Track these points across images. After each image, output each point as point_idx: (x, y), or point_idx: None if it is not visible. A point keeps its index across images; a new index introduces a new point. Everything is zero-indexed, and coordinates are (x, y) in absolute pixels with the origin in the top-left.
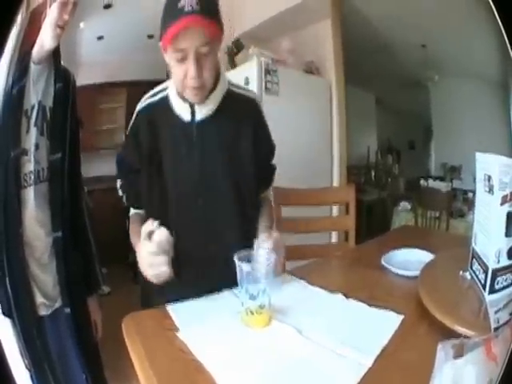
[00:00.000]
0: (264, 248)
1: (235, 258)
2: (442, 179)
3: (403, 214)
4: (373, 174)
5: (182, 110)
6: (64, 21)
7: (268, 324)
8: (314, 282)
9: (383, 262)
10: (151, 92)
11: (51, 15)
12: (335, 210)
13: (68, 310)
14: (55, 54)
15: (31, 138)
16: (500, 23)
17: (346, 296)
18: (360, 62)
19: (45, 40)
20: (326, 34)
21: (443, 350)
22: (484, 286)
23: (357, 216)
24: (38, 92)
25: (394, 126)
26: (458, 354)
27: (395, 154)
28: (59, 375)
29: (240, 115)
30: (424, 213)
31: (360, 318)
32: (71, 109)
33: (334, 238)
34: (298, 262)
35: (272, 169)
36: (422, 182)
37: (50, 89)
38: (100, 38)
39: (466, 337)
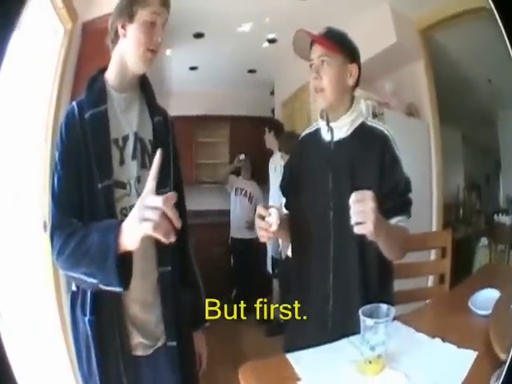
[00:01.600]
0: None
1: (360, 313)
2: (507, 212)
3: (482, 250)
4: (461, 211)
5: (324, 131)
6: (156, 44)
7: (381, 371)
8: (417, 327)
9: (469, 304)
10: (312, 125)
11: (138, 37)
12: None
13: (173, 344)
14: (144, 83)
15: (130, 170)
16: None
17: (443, 340)
18: (445, 97)
19: (131, 66)
20: (420, 74)
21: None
22: None
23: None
24: (132, 123)
25: (475, 161)
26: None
27: (477, 190)
28: None
29: (370, 145)
30: (495, 247)
31: (452, 360)
32: (173, 143)
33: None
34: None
35: (403, 201)
36: (495, 216)
37: (147, 121)
38: (193, 68)
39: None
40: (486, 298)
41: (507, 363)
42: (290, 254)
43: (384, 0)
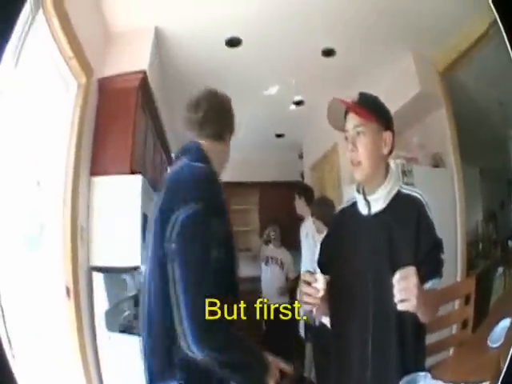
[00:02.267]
0: None
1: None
2: None
3: (498, 279)
4: (480, 246)
5: (361, 205)
6: None
7: None
8: (445, 377)
9: (488, 342)
10: (348, 199)
11: None
12: None
13: None
14: None
15: None
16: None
17: (466, 383)
18: (464, 139)
19: None
20: (442, 120)
21: None
22: None
23: None
24: None
25: (491, 190)
26: None
27: (494, 219)
28: None
29: (406, 214)
30: (509, 273)
31: None
32: None
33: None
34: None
35: (437, 263)
36: (510, 242)
37: None
38: None
39: None
40: (501, 330)
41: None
42: (324, 321)
43: (406, 46)
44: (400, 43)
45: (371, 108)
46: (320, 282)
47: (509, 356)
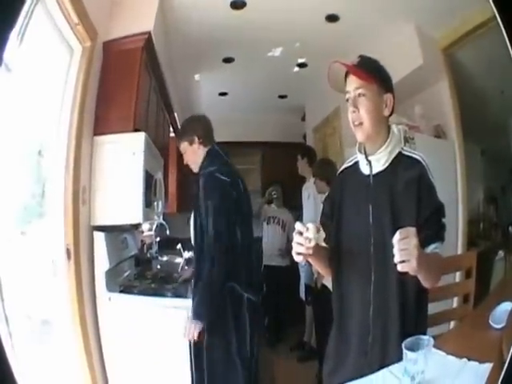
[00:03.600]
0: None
1: (403, 346)
2: None
3: (499, 263)
4: (481, 226)
5: (363, 165)
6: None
7: None
8: (447, 349)
9: (490, 321)
10: (350, 159)
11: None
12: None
13: None
14: None
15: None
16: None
17: (469, 359)
18: (466, 116)
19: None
20: (444, 94)
21: None
22: None
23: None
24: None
25: (492, 173)
26: None
27: (495, 203)
28: None
29: (407, 175)
30: (510, 258)
31: (476, 376)
32: None
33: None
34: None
35: (439, 227)
36: (511, 228)
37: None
38: (223, 94)
39: None
40: (502, 312)
41: (507, 362)
42: (327, 284)
43: (410, 19)
44: (404, 16)
45: (371, 70)
46: (311, 231)
47: None
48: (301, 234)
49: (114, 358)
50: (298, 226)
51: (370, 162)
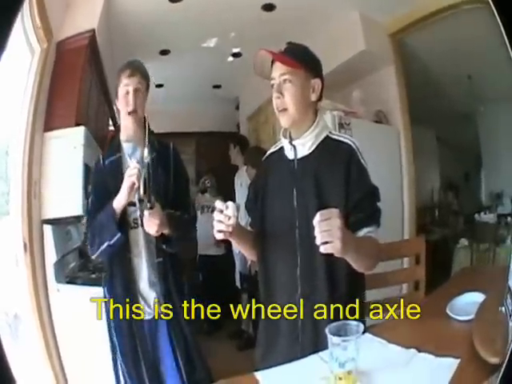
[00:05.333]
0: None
1: (327, 331)
2: (490, 209)
3: (462, 251)
4: (436, 213)
5: (287, 149)
6: (131, 106)
7: None
8: (391, 338)
9: (447, 311)
10: (276, 144)
11: (119, 109)
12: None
13: (168, 318)
14: (149, 132)
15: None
16: (500, 23)
17: (419, 350)
18: (417, 99)
19: (125, 124)
20: (390, 80)
21: None
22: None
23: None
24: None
25: (451, 160)
26: None
27: (454, 190)
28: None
29: (334, 159)
30: (477, 247)
31: (431, 371)
32: (174, 168)
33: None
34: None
35: (372, 211)
36: (476, 216)
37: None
38: (159, 85)
39: None
40: (466, 303)
41: (504, 365)
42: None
43: (353, 6)
44: (348, 4)
45: (297, 56)
46: (230, 209)
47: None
48: (221, 212)
49: (68, 349)
50: (217, 204)
51: (294, 147)
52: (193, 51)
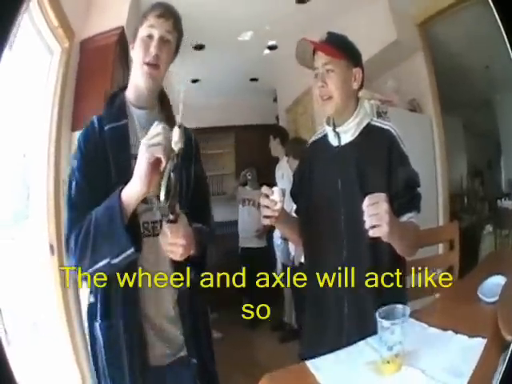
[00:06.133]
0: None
1: (376, 315)
2: (509, 196)
3: (487, 237)
4: (465, 200)
5: (331, 136)
6: (153, 57)
7: (399, 370)
8: (430, 322)
9: (478, 293)
10: (319, 131)
11: (136, 53)
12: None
13: (194, 361)
14: (163, 100)
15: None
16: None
17: (456, 332)
18: (444, 88)
19: (137, 82)
20: (420, 69)
21: None
22: None
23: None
24: None
25: (477, 148)
26: None
27: (480, 177)
28: None
29: (377, 145)
30: (500, 233)
31: (465, 350)
32: (195, 158)
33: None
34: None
35: (413, 196)
36: (499, 202)
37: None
38: (195, 81)
39: None
40: (493, 285)
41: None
42: (303, 260)
43: None
44: None
45: (339, 46)
46: (276, 193)
47: None
48: (267, 197)
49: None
50: (264, 189)
51: (338, 134)
52: (228, 45)
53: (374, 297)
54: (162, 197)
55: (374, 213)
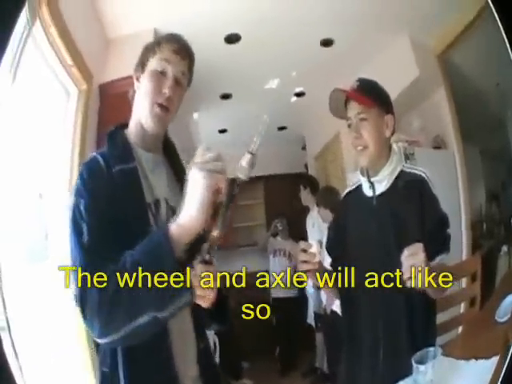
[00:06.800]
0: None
1: (413, 361)
2: None
3: (503, 258)
4: (484, 226)
5: (366, 188)
6: (165, 98)
7: None
8: (455, 354)
9: (496, 318)
10: (353, 182)
11: (145, 87)
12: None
13: None
14: (166, 145)
15: None
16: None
17: (476, 359)
18: (464, 119)
19: (143, 122)
20: (442, 103)
21: None
22: None
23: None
24: (161, 187)
25: (492, 171)
26: None
27: (496, 200)
28: None
29: (409, 192)
30: None
31: (482, 373)
32: None
33: None
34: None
35: (444, 238)
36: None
37: (175, 188)
38: (223, 131)
39: None
40: (507, 305)
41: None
42: (335, 308)
43: (403, 31)
44: (398, 29)
45: (371, 94)
46: (314, 246)
47: None
48: (305, 251)
49: None
50: (301, 244)
51: (372, 184)
52: (255, 94)
53: (409, 339)
54: (218, 231)
55: (413, 263)
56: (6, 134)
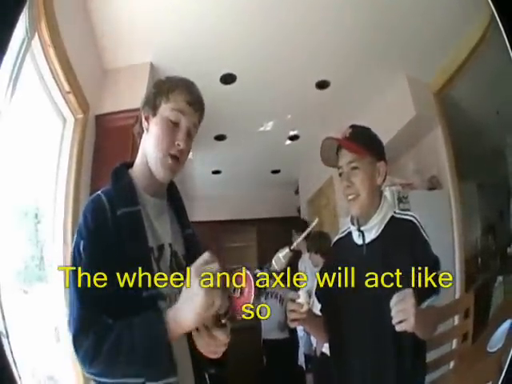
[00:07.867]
0: None
1: None
2: None
3: (498, 288)
4: (479, 260)
5: (356, 236)
6: (178, 149)
7: None
8: None
9: (488, 349)
10: (343, 229)
11: (157, 135)
12: None
13: None
14: (171, 190)
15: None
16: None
17: None
18: (461, 157)
19: (153, 170)
20: (438, 142)
21: None
22: None
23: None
24: (165, 232)
25: (490, 202)
26: None
27: (492, 231)
28: None
29: (400, 239)
30: (509, 280)
31: None
32: None
33: None
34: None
35: (434, 281)
36: (509, 250)
37: (177, 233)
38: (216, 172)
39: None
40: (499, 334)
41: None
42: (325, 350)
43: (399, 72)
44: (393, 69)
45: (364, 142)
46: (302, 296)
47: (510, 354)
48: (293, 301)
49: None
50: (290, 294)
51: (362, 233)
52: (249, 135)
53: (398, 380)
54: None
55: (402, 308)
56: (2, 155)
